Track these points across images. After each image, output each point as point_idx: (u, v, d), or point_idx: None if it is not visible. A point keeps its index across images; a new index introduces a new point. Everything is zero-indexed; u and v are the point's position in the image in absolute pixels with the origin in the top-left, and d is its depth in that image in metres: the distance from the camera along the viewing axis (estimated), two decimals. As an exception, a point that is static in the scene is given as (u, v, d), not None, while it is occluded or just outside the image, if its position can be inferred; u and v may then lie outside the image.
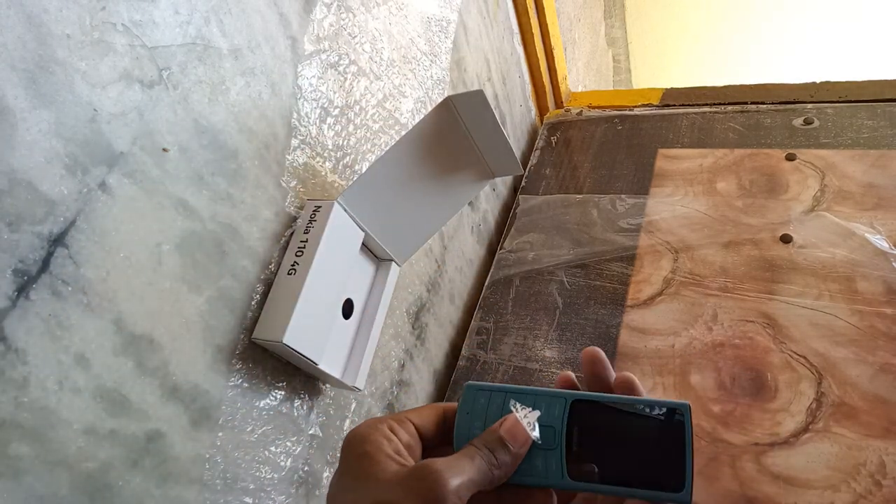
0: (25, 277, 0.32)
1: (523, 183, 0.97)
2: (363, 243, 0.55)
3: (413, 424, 0.31)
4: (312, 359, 0.47)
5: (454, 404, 0.34)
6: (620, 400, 0.32)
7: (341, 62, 0.56)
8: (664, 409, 0.31)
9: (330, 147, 0.55)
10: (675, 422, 0.30)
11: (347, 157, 0.58)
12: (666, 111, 0.99)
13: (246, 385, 0.46)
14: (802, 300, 0.70)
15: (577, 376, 0.35)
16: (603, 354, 0.34)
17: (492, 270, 0.87)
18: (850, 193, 0.78)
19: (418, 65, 0.69)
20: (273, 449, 0.49)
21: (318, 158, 0.54)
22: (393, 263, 0.60)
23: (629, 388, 0.33)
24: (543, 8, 1.00)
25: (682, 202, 0.85)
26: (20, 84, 0.32)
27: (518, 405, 0.32)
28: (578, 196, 0.91)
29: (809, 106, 0.91)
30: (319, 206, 0.50)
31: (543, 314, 0.79)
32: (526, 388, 0.33)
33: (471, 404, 0.33)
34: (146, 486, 0.39)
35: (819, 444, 0.60)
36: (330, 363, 0.52)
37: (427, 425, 0.32)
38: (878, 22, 2.42)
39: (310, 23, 0.52)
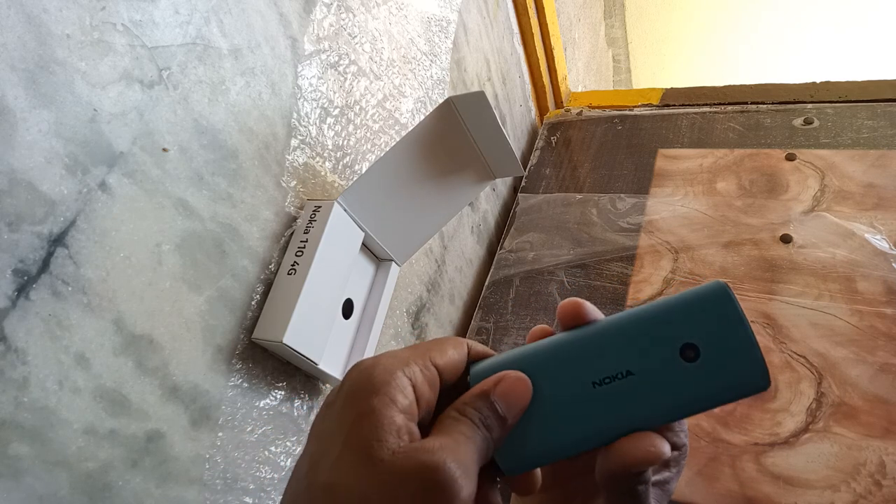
0: (25, 277, 0.32)
1: (523, 183, 0.97)
2: (363, 243, 0.55)
3: (437, 369, 0.26)
4: (312, 359, 0.47)
5: (478, 346, 0.29)
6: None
7: (341, 62, 0.56)
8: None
9: (330, 147, 0.55)
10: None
11: (347, 157, 0.58)
12: (666, 111, 0.99)
13: (246, 385, 0.46)
14: (802, 300, 0.70)
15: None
16: (584, 303, 0.28)
17: (492, 270, 0.87)
18: (850, 193, 0.78)
19: (418, 65, 0.69)
20: (273, 449, 0.49)
21: (318, 158, 0.54)
22: (393, 263, 0.60)
23: (576, 312, 0.28)
24: (543, 8, 0.99)
25: (682, 202, 0.85)
26: (20, 84, 0.32)
27: None
28: (578, 195, 0.91)
29: (809, 106, 0.90)
30: (319, 206, 0.50)
31: (543, 314, 0.79)
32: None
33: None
34: (146, 486, 0.39)
35: (819, 444, 0.60)
36: (330, 363, 0.52)
37: (449, 370, 0.27)
38: (879, 23, 2.42)
39: (310, 23, 0.52)
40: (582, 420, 0.26)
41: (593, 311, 0.28)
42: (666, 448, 0.25)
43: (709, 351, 0.26)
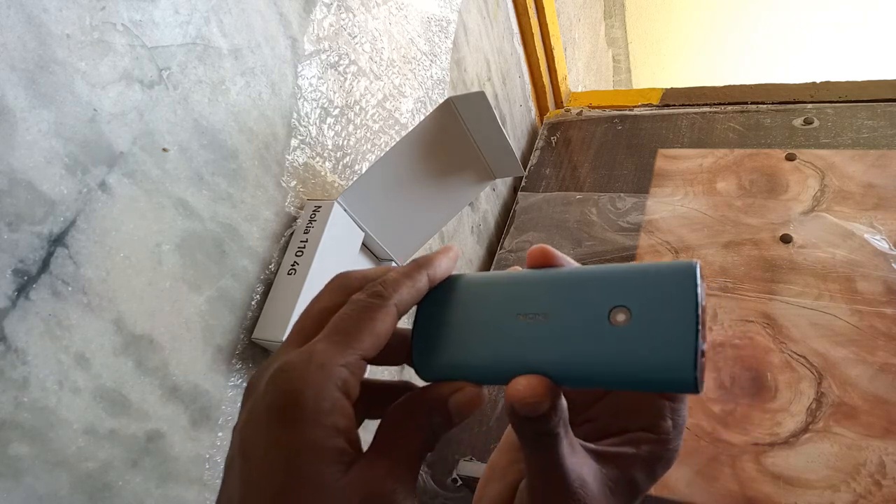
0: (25, 277, 0.32)
1: (523, 183, 0.97)
2: (363, 243, 0.55)
3: (367, 358, 0.25)
4: (312, 359, 0.47)
5: (439, 269, 0.29)
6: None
7: (341, 62, 0.56)
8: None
9: (330, 147, 0.55)
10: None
11: (347, 157, 0.58)
12: (666, 111, 0.99)
13: (246, 385, 0.46)
14: (802, 300, 0.70)
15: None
16: (552, 249, 0.27)
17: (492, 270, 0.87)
18: (850, 193, 0.78)
19: (418, 65, 0.69)
20: (273, 449, 0.49)
21: (318, 158, 0.54)
22: (393, 264, 0.60)
23: (543, 257, 0.27)
24: (543, 8, 0.99)
25: (682, 202, 0.85)
26: (20, 84, 0.32)
27: None
28: (578, 195, 0.91)
29: (809, 106, 0.90)
30: (319, 206, 0.50)
31: (543, 314, 0.79)
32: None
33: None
34: (146, 486, 0.39)
35: (819, 444, 0.60)
36: (330, 363, 0.52)
37: (380, 345, 0.26)
38: (879, 23, 2.42)
39: (310, 23, 0.52)
40: (495, 348, 0.25)
41: (562, 258, 0.27)
42: (531, 393, 0.23)
43: (640, 321, 0.23)
